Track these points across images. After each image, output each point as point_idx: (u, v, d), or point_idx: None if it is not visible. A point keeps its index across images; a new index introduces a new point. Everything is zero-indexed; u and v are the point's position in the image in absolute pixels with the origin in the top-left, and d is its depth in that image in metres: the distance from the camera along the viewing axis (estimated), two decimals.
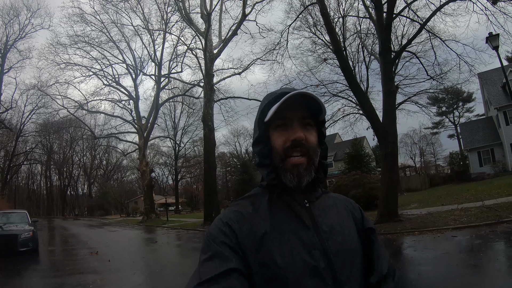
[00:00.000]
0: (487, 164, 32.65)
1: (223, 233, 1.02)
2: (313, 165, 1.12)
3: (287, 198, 1.12)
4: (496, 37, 13.41)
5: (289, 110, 1.09)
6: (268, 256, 0.99)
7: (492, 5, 15.59)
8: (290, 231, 1.05)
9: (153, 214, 36.88)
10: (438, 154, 62.24)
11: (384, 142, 14.97)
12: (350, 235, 1.14)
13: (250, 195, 1.18)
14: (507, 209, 12.47)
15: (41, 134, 51.60)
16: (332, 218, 1.14)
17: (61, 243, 19.34)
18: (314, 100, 1.09)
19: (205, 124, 24.60)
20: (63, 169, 77.49)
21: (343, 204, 1.26)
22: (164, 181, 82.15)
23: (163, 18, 33.36)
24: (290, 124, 1.10)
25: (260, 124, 1.15)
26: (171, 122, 57.37)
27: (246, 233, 1.03)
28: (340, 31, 22.53)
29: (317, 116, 1.15)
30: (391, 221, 13.74)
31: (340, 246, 1.07)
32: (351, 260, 1.08)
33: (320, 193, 1.21)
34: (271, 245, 1.01)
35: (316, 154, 1.13)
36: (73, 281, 8.39)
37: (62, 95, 36.64)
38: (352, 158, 37.00)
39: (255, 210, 1.09)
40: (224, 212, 1.12)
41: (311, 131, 1.13)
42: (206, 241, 1.03)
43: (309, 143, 1.10)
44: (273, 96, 1.13)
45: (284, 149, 1.09)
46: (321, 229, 1.08)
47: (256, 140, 1.17)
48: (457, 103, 52.78)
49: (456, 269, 6.93)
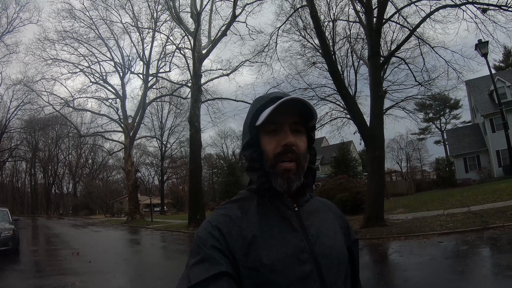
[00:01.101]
0: (472, 171, 33.01)
1: (213, 236, 1.01)
2: (302, 170, 1.12)
3: (276, 202, 1.11)
4: (485, 44, 13.52)
5: (281, 114, 1.08)
6: (257, 260, 0.98)
7: (482, 13, 15.74)
8: (279, 235, 1.04)
9: (138, 214, 36.60)
10: (424, 160, 63.01)
11: (371, 146, 14.99)
12: (336, 239, 1.14)
13: (238, 199, 1.16)
14: (493, 215, 12.51)
15: (27, 130, 50.88)
16: (320, 222, 1.15)
17: (43, 243, 19.03)
18: (307, 106, 1.09)
19: (192, 125, 24.42)
20: (48, 167, 76.44)
21: (330, 209, 1.26)
22: (149, 181, 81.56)
23: (153, 17, 33.20)
24: (281, 129, 1.10)
25: (251, 128, 1.14)
26: (158, 122, 56.88)
27: (235, 237, 1.01)
28: (330, 35, 22.61)
29: (308, 122, 1.15)
30: (377, 225, 13.71)
31: (327, 250, 1.07)
32: (337, 264, 1.08)
33: (308, 197, 1.20)
34: (260, 249, 1.00)
35: (305, 159, 1.13)
36: (52, 283, 8.21)
37: (48, 92, 36.28)
38: (339, 162, 37.21)
39: (244, 214, 1.08)
40: (213, 215, 1.10)
41: (301, 137, 1.13)
42: (195, 245, 1.02)
43: (299, 149, 1.10)
44: (265, 100, 1.13)
45: (274, 154, 1.09)
46: (309, 232, 1.08)
47: (246, 143, 1.15)
48: (444, 110, 53.46)
49: (442, 275, 6.86)
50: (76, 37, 34.94)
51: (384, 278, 7.30)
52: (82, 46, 36.07)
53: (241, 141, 1.26)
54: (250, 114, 1.15)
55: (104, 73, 38.82)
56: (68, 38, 34.78)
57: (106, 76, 38.88)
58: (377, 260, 9.85)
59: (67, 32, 34.34)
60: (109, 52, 37.90)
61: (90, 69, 37.58)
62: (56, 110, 37.13)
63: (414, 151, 62.32)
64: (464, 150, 34.31)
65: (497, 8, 14.88)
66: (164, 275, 8.74)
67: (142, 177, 70.72)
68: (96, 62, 37.58)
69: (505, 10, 14.70)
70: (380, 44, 16.69)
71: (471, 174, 32.56)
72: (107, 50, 37.62)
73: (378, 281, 7.22)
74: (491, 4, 15.02)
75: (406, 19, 18.73)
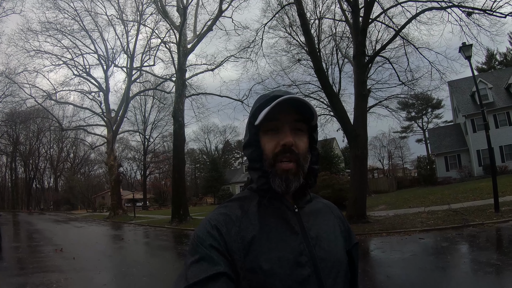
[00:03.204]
0: (453, 169, 33.59)
1: (211, 236, 0.99)
2: (302, 171, 1.09)
3: (277, 203, 1.10)
4: (469, 47, 13.73)
5: (281, 113, 1.07)
6: (255, 262, 0.97)
7: (466, 17, 16.04)
8: (278, 237, 1.03)
9: (120, 209, 36.33)
10: (406, 158, 63.89)
11: (354, 144, 15.17)
12: (336, 243, 1.13)
13: (238, 198, 1.15)
14: (473, 213, 12.86)
15: (7, 123, 49.95)
16: (320, 224, 1.14)
17: (26, 239, 18.80)
18: (306, 105, 1.07)
19: (176, 120, 24.30)
20: (29, 161, 75.16)
21: (331, 211, 1.25)
22: (132, 176, 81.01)
23: (138, 9, 32.86)
24: (281, 128, 1.08)
25: (250, 127, 1.13)
26: (141, 116, 56.55)
27: (234, 237, 1.00)
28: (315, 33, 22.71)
29: (309, 121, 1.13)
30: (360, 222, 13.95)
31: (326, 254, 1.06)
32: (336, 268, 1.07)
33: (309, 198, 1.19)
34: (259, 251, 0.99)
35: (306, 160, 1.11)
36: (36, 280, 8.13)
37: (30, 84, 35.57)
38: (322, 158, 37.38)
39: (244, 214, 1.07)
40: (212, 214, 1.08)
41: (302, 137, 1.11)
42: (193, 244, 1.00)
43: (299, 149, 1.08)
44: (265, 99, 1.10)
45: (273, 154, 1.07)
46: (309, 235, 1.07)
47: (246, 143, 1.15)
48: (426, 109, 54.18)
49: (424, 271, 7.03)
50: (59, 29, 34.34)
51: (367, 274, 7.41)
52: (66, 38, 35.48)
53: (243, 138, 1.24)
54: (251, 112, 1.14)
55: (88, 66, 38.33)
56: (51, 30, 34.19)
57: (90, 69, 38.42)
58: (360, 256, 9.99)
59: (50, 23, 33.77)
60: (93, 44, 37.51)
61: (74, 62, 36.97)
62: (38, 103, 36.48)
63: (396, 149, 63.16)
64: (445, 149, 34.86)
65: (482, 12, 15.17)
66: (149, 272, 8.75)
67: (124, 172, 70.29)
68: (79, 54, 37.00)
69: (490, 14, 15.00)
70: (366, 44, 16.84)
71: (452, 173, 33.14)
72: (91, 42, 37.12)
73: (362, 277, 7.33)
74: (476, 8, 15.30)
75: (392, 19, 18.98)
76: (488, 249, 8.59)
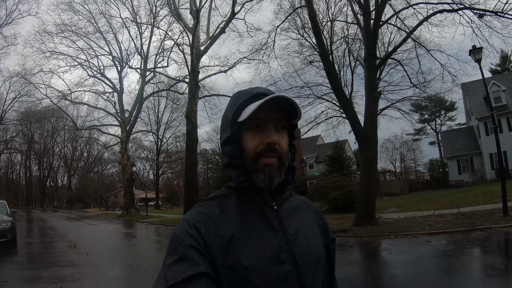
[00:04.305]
0: (466, 172, 33.29)
1: (190, 235, 0.99)
2: (284, 167, 1.10)
3: (256, 200, 1.10)
4: (479, 50, 13.71)
5: (264, 111, 1.06)
6: (235, 260, 0.97)
7: (478, 19, 15.94)
8: (258, 234, 1.03)
9: (133, 208, 36.65)
10: (418, 160, 63.18)
11: (364, 146, 15.24)
12: (315, 239, 1.15)
13: (217, 196, 1.14)
14: (482, 217, 12.82)
15: (23, 122, 50.72)
16: (298, 221, 1.15)
17: (40, 235, 19.19)
18: (292, 104, 1.07)
19: (188, 121, 24.52)
20: (43, 159, 76.27)
21: (309, 207, 1.26)
22: (145, 175, 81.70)
23: (152, 12, 33.16)
24: (265, 126, 1.08)
25: (232, 123, 1.11)
26: (155, 117, 56.89)
27: (213, 236, 1.00)
28: (327, 35, 22.83)
29: (291, 119, 1.15)
30: (368, 224, 14.00)
31: (305, 249, 1.08)
32: (316, 263, 1.09)
33: (287, 195, 1.20)
34: (239, 248, 0.99)
35: (287, 158, 1.12)
36: (51, 274, 8.39)
37: (45, 84, 36.05)
38: (334, 160, 37.39)
39: (222, 212, 1.06)
40: (190, 213, 1.08)
41: (283, 135, 1.12)
42: (172, 244, 1.00)
43: (282, 147, 1.09)
44: (247, 96, 1.10)
45: (256, 152, 1.07)
46: (288, 232, 1.08)
47: (226, 139, 1.13)
48: (440, 111, 53.72)
49: (427, 273, 7.09)
50: (74, 30, 34.89)
51: (372, 274, 7.54)
52: (81, 39, 35.95)
53: (219, 136, 1.22)
54: (232, 109, 1.12)
55: (102, 67, 38.75)
56: (66, 31, 34.70)
57: (104, 70, 38.82)
58: (366, 257, 10.11)
59: (66, 25, 34.29)
60: (107, 46, 37.85)
61: (88, 63, 37.46)
62: (53, 103, 37.09)
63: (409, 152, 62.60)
64: (458, 152, 34.60)
65: (493, 14, 15.09)
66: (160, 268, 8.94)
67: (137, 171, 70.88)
68: (94, 55, 37.46)
69: (501, 16, 14.91)
70: (377, 46, 16.89)
71: (464, 176, 32.85)
72: (106, 44, 37.54)
73: (366, 277, 7.48)
74: (488, 10, 15.22)
75: (404, 21, 18.93)
76: (494, 253, 8.65)
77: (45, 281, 7.75)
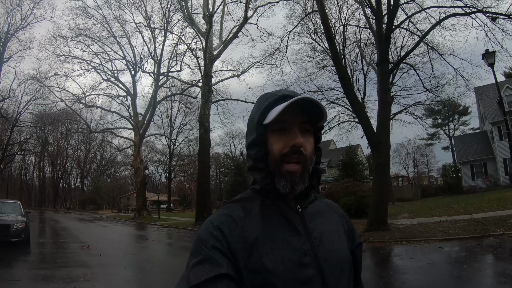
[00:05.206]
0: (479, 178, 32.83)
1: (214, 237, 0.98)
2: (307, 173, 1.09)
3: (280, 203, 1.09)
4: (492, 55, 13.61)
5: (290, 114, 1.05)
6: (258, 262, 0.96)
7: (491, 22, 15.80)
8: (281, 237, 1.02)
9: (145, 211, 36.93)
10: (432, 166, 62.52)
11: (376, 152, 15.18)
12: (340, 243, 1.13)
13: (241, 198, 1.13)
14: (495, 223, 12.66)
15: (37, 125, 51.39)
16: (324, 224, 1.13)
17: (53, 236, 19.40)
18: (317, 106, 1.06)
19: (201, 125, 24.70)
20: (57, 161, 77.25)
21: (335, 211, 1.25)
22: (157, 178, 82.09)
23: (165, 16, 33.49)
24: (290, 129, 1.07)
25: (257, 126, 1.10)
26: (168, 120, 57.30)
27: (237, 238, 0.99)
28: (340, 39, 22.82)
29: (316, 122, 1.13)
30: (380, 229, 13.91)
31: (330, 254, 1.06)
32: (340, 268, 1.07)
33: (313, 198, 1.19)
34: (262, 251, 0.98)
35: (311, 162, 1.11)
36: (63, 274, 8.50)
37: (60, 88, 36.78)
38: (346, 165, 37.20)
39: (247, 214, 1.05)
40: (215, 215, 1.07)
41: (309, 138, 1.11)
42: (196, 245, 1.00)
43: (307, 150, 1.08)
44: (273, 98, 1.09)
45: (281, 154, 1.06)
46: (313, 235, 1.07)
47: (251, 142, 1.12)
48: (453, 116, 53.15)
49: (438, 279, 7.05)
50: (89, 35, 35.47)
51: (383, 280, 7.52)
52: (95, 43, 36.58)
53: (245, 139, 1.20)
54: (257, 111, 1.11)
55: (116, 71, 39.32)
56: (81, 35, 35.31)
57: (118, 74, 39.37)
58: (377, 262, 10.06)
59: (80, 30, 34.87)
60: (121, 50, 38.34)
61: (102, 67, 38.04)
62: (68, 106, 37.69)
63: (422, 157, 62.02)
64: (471, 157, 34.16)
65: (506, 17, 14.95)
66: (171, 270, 9.03)
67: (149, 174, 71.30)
68: (108, 60, 38.05)
69: None
70: (389, 51, 16.83)
71: (478, 182, 32.41)
72: (119, 48, 38.03)
73: (377, 282, 7.45)
74: (500, 13, 15.08)
75: (416, 25, 18.86)
76: (506, 260, 8.54)
77: (58, 280, 7.86)
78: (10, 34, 36.97)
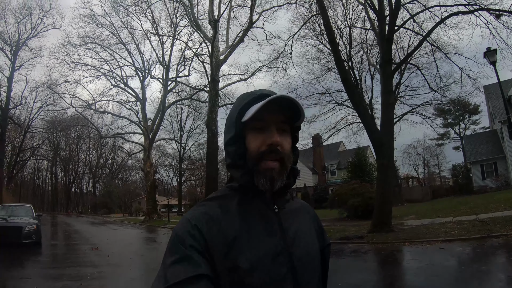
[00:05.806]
0: (489, 178, 32.47)
1: (192, 236, 0.98)
2: (286, 171, 1.10)
3: (258, 202, 1.11)
4: (493, 52, 13.56)
5: (268, 112, 1.06)
6: (235, 261, 0.97)
7: (495, 19, 15.62)
8: (258, 236, 1.04)
9: (156, 214, 37.27)
10: (442, 166, 61.99)
11: (380, 153, 15.22)
12: (313, 243, 1.17)
13: (218, 196, 1.13)
14: (499, 223, 12.56)
15: (49, 131, 52.00)
16: (298, 224, 1.15)
17: (64, 238, 19.81)
18: (295, 105, 1.08)
19: (209, 129, 24.88)
20: (68, 166, 78.38)
21: (307, 212, 1.28)
22: (168, 182, 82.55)
23: (172, 23, 33.84)
24: (267, 127, 1.08)
25: (236, 123, 1.10)
26: (177, 125, 57.47)
27: (214, 236, 0.99)
28: (346, 41, 22.90)
29: (294, 121, 1.15)
30: (384, 231, 13.87)
31: (303, 253, 1.09)
32: (312, 267, 1.11)
33: (289, 197, 1.21)
34: (239, 250, 0.99)
35: (289, 160, 1.12)
36: (72, 273, 8.83)
37: (70, 94, 37.18)
38: (355, 167, 37.10)
39: (224, 213, 1.05)
40: (192, 213, 1.07)
41: (286, 137, 1.12)
42: (173, 243, 0.99)
43: (284, 149, 1.09)
44: (252, 97, 1.10)
45: (258, 152, 1.07)
46: (287, 234, 1.09)
47: (230, 139, 1.12)
48: (463, 115, 52.70)
49: (438, 280, 7.11)
50: (98, 42, 35.85)
51: (382, 281, 7.65)
52: (104, 50, 36.90)
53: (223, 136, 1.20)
54: (236, 109, 1.11)
55: (125, 77, 39.70)
56: (90, 43, 35.74)
57: (127, 80, 39.75)
58: (379, 263, 10.17)
59: (89, 37, 35.30)
60: (130, 56, 38.72)
61: (111, 73, 38.43)
62: (78, 112, 38.21)
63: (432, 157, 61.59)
64: (481, 157, 33.79)
65: (510, 14, 14.82)
66: None
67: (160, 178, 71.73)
68: (117, 66, 38.44)
69: None
70: (393, 51, 16.84)
71: (488, 181, 32.02)
72: (128, 54, 38.44)
73: (377, 282, 7.60)
74: (504, 10, 14.85)
75: (421, 26, 18.74)
76: (505, 260, 8.61)
77: (66, 279, 8.15)
78: (21, 42, 37.60)
